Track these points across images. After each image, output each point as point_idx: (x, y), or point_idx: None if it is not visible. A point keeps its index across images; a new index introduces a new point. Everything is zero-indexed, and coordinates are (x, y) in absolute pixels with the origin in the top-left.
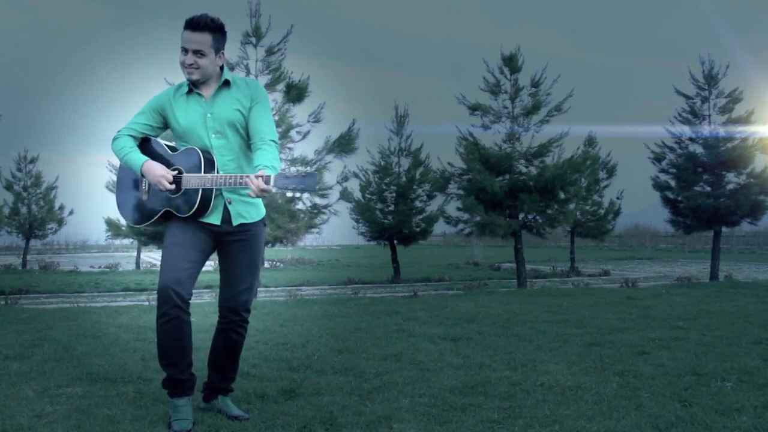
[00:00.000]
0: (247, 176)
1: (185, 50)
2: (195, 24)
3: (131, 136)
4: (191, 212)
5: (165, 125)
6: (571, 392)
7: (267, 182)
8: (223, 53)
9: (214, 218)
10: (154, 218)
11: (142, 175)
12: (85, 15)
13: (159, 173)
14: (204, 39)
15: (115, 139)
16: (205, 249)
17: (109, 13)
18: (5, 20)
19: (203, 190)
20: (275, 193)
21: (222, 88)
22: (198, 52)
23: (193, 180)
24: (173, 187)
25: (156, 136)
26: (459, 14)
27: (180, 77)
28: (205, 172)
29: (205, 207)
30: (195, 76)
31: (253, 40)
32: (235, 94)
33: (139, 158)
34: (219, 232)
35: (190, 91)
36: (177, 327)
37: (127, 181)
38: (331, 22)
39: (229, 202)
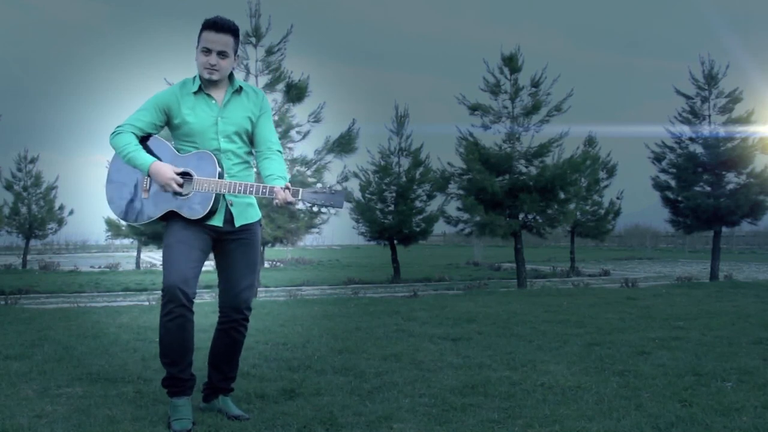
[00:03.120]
0: (273, 187)
1: (208, 51)
2: (219, 26)
3: (133, 133)
4: (202, 216)
5: (166, 124)
6: (571, 392)
7: (294, 195)
8: (237, 56)
9: (216, 220)
10: (155, 218)
11: (149, 176)
12: (85, 15)
13: (169, 176)
14: (227, 40)
15: (116, 134)
16: (205, 249)
17: (109, 13)
18: (5, 20)
19: (216, 195)
20: (300, 207)
21: (235, 94)
22: (221, 53)
23: (206, 184)
24: (182, 190)
25: (156, 134)
26: (459, 14)
27: (180, 76)
28: (218, 178)
29: (214, 211)
30: (215, 77)
31: (253, 40)
32: (245, 102)
33: (146, 158)
34: (220, 232)
35: (198, 91)
36: (181, 326)
37: (122, 177)
38: (331, 22)
39: (231, 204)
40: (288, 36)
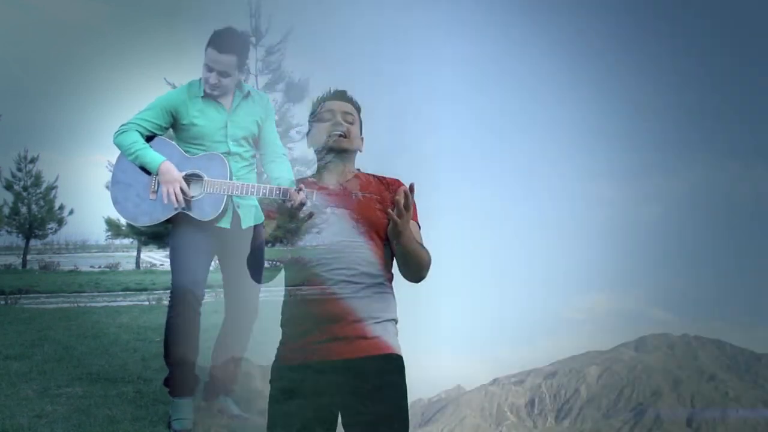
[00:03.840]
0: (288, 188)
1: (210, 68)
2: (222, 46)
3: (138, 132)
4: (212, 218)
5: (171, 126)
6: None
7: (309, 196)
8: (244, 69)
9: (224, 222)
10: (163, 219)
11: (157, 175)
12: (85, 15)
13: (177, 177)
14: (229, 61)
15: (121, 132)
16: (212, 250)
17: (109, 13)
18: (5, 20)
19: (226, 196)
20: (310, 207)
21: (243, 99)
22: (223, 73)
23: (216, 185)
24: (179, 201)
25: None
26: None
27: (181, 76)
28: (229, 180)
29: (224, 213)
30: (216, 93)
31: (253, 39)
32: (253, 107)
33: (156, 156)
34: (227, 234)
35: (205, 95)
36: (188, 327)
37: (128, 178)
38: (331, 22)
39: (238, 206)
40: (288, 36)
